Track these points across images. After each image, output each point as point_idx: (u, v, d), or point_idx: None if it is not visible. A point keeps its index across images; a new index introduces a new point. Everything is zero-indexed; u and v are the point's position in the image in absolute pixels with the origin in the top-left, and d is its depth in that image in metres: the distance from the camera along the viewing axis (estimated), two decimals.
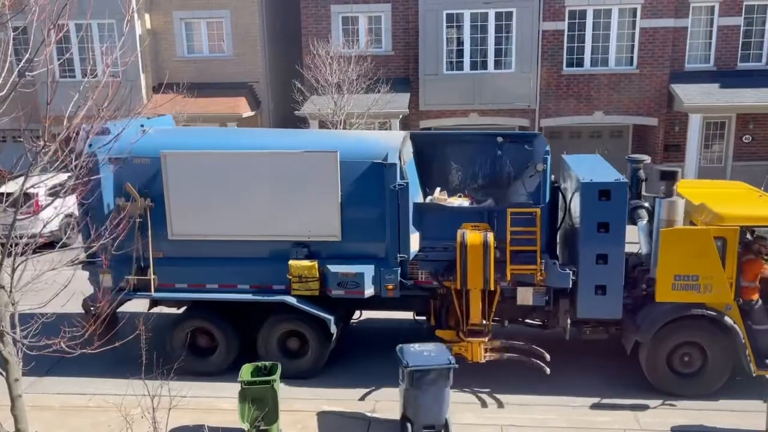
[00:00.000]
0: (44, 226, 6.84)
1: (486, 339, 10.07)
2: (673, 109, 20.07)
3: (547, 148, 10.03)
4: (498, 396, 10.09)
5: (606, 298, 9.72)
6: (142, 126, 11.09)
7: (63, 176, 6.77)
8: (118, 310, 10.78)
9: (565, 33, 20.07)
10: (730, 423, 9.28)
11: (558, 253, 10.60)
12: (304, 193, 10.03)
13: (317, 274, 10.05)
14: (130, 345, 7.28)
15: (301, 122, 19.49)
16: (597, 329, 10.34)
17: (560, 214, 10.55)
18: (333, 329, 10.30)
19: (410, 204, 10.02)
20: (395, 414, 9.19)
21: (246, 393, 8.59)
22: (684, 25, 19.87)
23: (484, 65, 20.26)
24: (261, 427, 8.48)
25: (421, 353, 8.86)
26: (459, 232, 9.81)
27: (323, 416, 9.56)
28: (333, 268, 10.02)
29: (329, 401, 9.97)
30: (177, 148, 10.32)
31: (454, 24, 20.10)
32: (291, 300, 10.19)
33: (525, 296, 10.08)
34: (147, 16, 21.38)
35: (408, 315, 11.53)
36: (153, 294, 10.43)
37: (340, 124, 17.86)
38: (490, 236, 9.64)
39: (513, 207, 10.02)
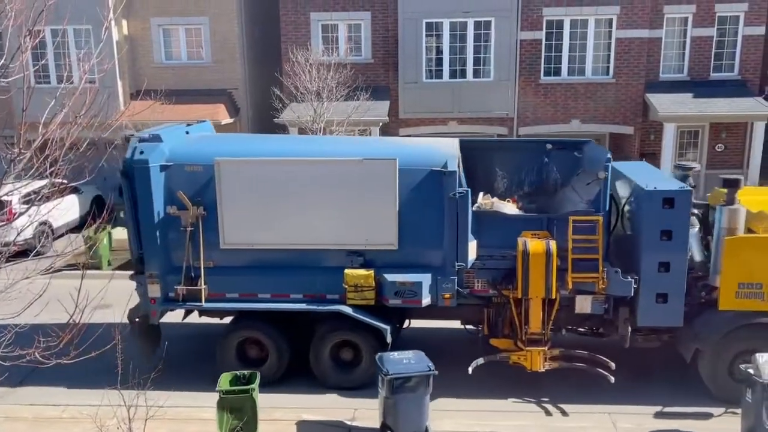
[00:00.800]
0: (18, 234, 6.71)
1: (546, 348, 10.01)
2: (648, 118, 20.37)
3: (609, 155, 10.02)
4: (477, 402, 10.11)
5: (667, 306, 9.71)
6: (187, 132, 11.04)
7: (38, 183, 6.69)
8: (162, 320, 10.70)
9: (543, 42, 20.29)
10: (706, 427, 9.41)
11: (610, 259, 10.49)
12: (361, 201, 9.94)
13: (373, 284, 9.93)
14: (108, 355, 7.18)
15: (280, 129, 19.43)
16: (649, 337, 10.34)
17: (611, 221, 10.44)
18: (389, 339, 10.15)
19: (469, 212, 9.95)
20: (375, 422, 9.17)
21: (224, 402, 8.53)
22: (658, 35, 20.21)
23: (463, 74, 20.40)
24: None
25: (400, 361, 8.87)
26: (520, 240, 9.79)
27: (303, 425, 9.51)
28: (390, 277, 9.90)
29: (309, 410, 9.92)
30: (230, 156, 10.14)
31: (434, 33, 20.23)
32: (347, 310, 10.03)
33: (583, 304, 10.03)
34: (124, 22, 21.19)
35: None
36: (203, 304, 10.25)
37: (320, 132, 17.83)
38: (553, 244, 9.63)
39: (575, 215, 9.92)
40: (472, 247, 10.04)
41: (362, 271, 9.97)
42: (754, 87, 20.09)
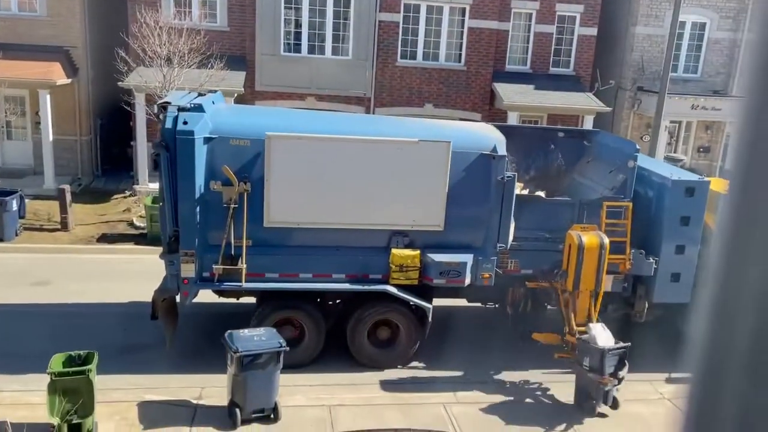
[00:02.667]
0: None
1: None
2: (494, 106, 21.60)
3: (638, 146, 10.86)
4: (330, 376, 10.28)
5: (680, 284, 10.68)
6: (213, 102, 10.32)
7: None
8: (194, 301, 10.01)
9: (400, 25, 20.73)
10: (538, 395, 10.30)
11: None
12: (411, 182, 9.95)
13: (419, 263, 9.98)
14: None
15: (125, 94, 18.19)
16: (651, 311, 11.19)
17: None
18: (430, 317, 10.28)
19: (514, 195, 10.14)
20: (223, 400, 9.02)
21: (56, 385, 7.95)
22: (506, 28, 21.44)
23: (322, 50, 20.31)
24: (73, 421, 7.90)
25: (251, 338, 8.78)
26: (573, 233, 10.06)
27: (144, 406, 9.12)
28: (437, 257, 9.97)
29: (151, 390, 9.53)
30: (280, 131, 9.67)
31: (293, 5, 19.89)
32: (392, 290, 10.06)
33: (606, 284, 10.57)
34: None
35: None
36: (243, 284, 9.79)
37: None
38: (606, 238, 10.01)
39: (608, 200, 10.54)
40: (512, 229, 10.39)
41: (409, 252, 10.02)
42: (586, 83, 22.01)
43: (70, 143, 20.37)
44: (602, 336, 9.56)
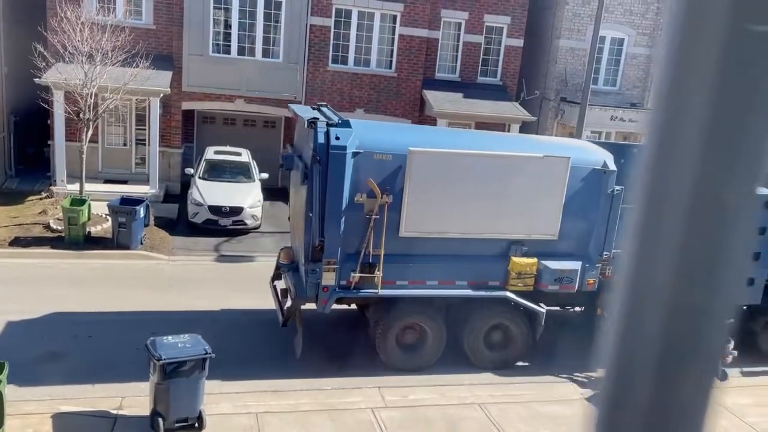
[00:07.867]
0: None
1: None
2: (424, 112, 21.89)
3: None
4: (254, 383, 10.12)
5: (754, 288, 11.67)
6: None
7: None
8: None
9: (332, 30, 20.71)
10: (458, 397, 10.49)
11: None
12: (532, 194, 10.65)
13: (535, 271, 10.64)
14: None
15: (43, 90, 17.34)
16: None
17: None
18: (543, 322, 10.89)
19: (620, 206, 10.84)
20: (145, 410, 8.72)
21: None
22: (436, 36, 21.80)
23: (252, 52, 20.02)
24: None
25: (175, 345, 8.55)
26: None
27: (59, 418, 8.70)
28: (553, 265, 10.67)
29: (68, 400, 9.11)
30: (419, 146, 10.22)
31: (222, 5, 19.53)
32: (512, 296, 10.71)
33: None
34: None
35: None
36: (379, 291, 10.29)
37: (91, 97, 16.27)
38: None
39: None
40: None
41: (528, 260, 10.70)
42: (512, 92, 22.65)
43: None
44: None
